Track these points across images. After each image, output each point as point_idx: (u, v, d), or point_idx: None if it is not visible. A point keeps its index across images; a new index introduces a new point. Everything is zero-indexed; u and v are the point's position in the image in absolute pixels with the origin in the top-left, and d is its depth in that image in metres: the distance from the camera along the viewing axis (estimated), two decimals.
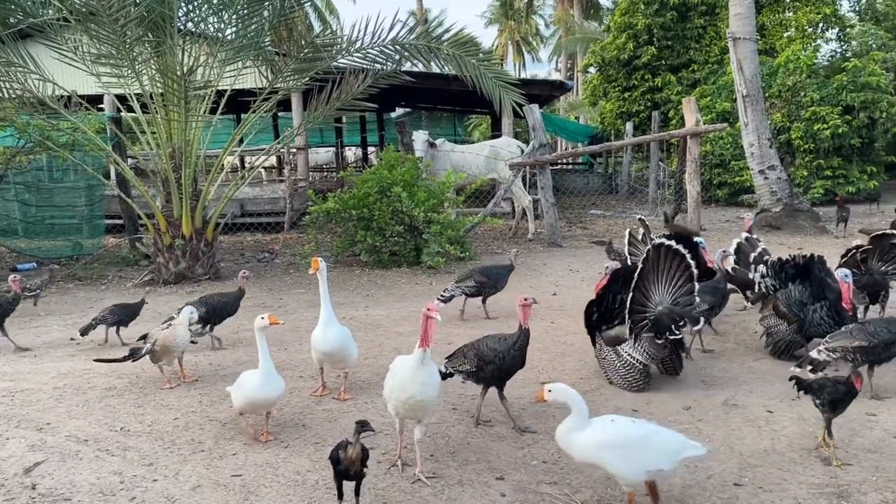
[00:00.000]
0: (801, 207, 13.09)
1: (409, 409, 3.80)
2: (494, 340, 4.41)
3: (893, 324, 4.66)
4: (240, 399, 4.20)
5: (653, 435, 3.23)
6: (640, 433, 3.22)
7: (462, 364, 4.42)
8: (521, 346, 4.35)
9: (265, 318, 4.36)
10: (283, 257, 11.63)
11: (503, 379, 4.41)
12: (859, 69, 16.56)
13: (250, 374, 4.27)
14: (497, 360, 4.30)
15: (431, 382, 3.76)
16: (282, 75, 9.55)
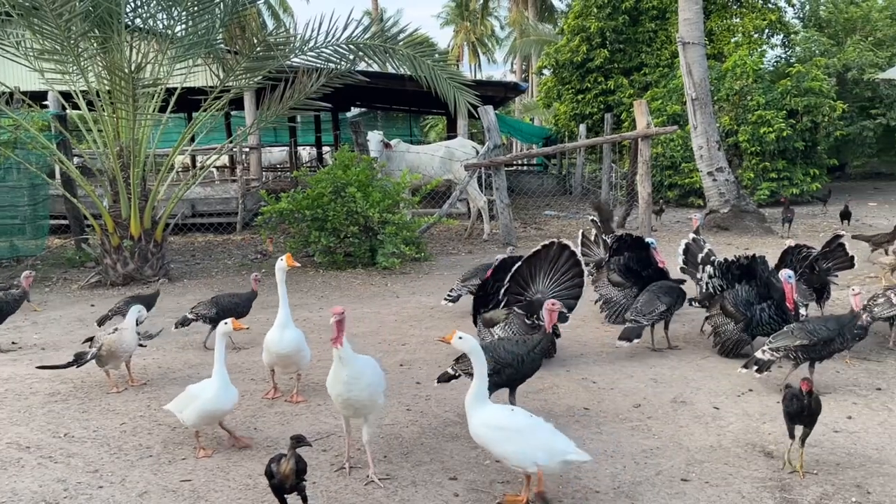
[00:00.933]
0: (747, 209, 13.43)
1: (345, 407, 3.78)
2: (512, 343, 4.32)
3: (831, 321, 4.82)
4: (193, 414, 3.97)
5: (539, 430, 3.35)
6: (526, 423, 3.36)
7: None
8: (541, 349, 4.30)
9: (228, 324, 4.20)
10: (233, 257, 11.46)
11: (519, 382, 4.33)
12: (803, 74, 17.08)
13: (201, 386, 4.06)
14: (515, 363, 4.22)
15: (358, 380, 3.69)
16: (233, 73, 9.41)
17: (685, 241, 6.70)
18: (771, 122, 16.35)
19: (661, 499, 3.47)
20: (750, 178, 16.71)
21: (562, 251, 5.82)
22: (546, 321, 4.29)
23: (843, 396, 4.77)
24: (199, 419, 3.99)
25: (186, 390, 4.13)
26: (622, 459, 3.92)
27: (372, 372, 3.80)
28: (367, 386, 3.72)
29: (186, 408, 4.00)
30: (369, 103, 28.02)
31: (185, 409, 4.01)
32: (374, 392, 3.78)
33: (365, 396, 3.73)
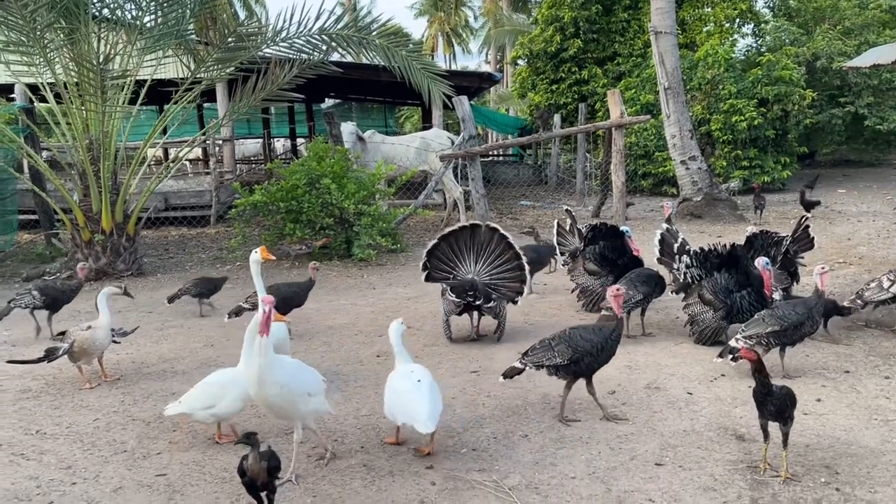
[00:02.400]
0: (720, 197, 13.58)
1: (267, 409, 3.63)
2: (588, 331, 4.26)
3: (799, 306, 4.91)
4: (234, 402, 3.87)
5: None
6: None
7: (550, 358, 4.20)
8: (618, 336, 4.27)
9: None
10: (207, 251, 11.36)
11: (596, 370, 4.31)
12: (773, 63, 17.26)
13: (231, 374, 3.97)
14: (594, 351, 4.17)
15: (265, 381, 3.46)
16: (204, 65, 9.30)
17: (660, 232, 6.75)
18: (742, 111, 16.52)
19: (635, 483, 3.52)
20: (722, 167, 16.88)
21: (492, 235, 6.10)
22: (614, 307, 4.21)
23: (813, 380, 4.86)
24: (241, 406, 3.94)
25: (210, 383, 4.00)
26: (597, 445, 3.96)
27: (290, 376, 3.57)
28: (277, 386, 3.48)
29: (223, 399, 3.89)
30: (344, 94, 27.82)
31: (217, 403, 3.89)
32: (289, 397, 3.53)
33: (275, 397, 3.51)
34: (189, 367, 5.56)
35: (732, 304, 5.57)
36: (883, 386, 4.72)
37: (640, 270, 6.27)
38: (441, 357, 5.67)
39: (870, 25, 21.68)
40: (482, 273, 6.11)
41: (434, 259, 6.21)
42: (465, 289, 5.86)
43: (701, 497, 3.37)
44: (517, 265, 6.08)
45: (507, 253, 6.10)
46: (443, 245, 6.19)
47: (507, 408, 4.53)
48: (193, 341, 6.32)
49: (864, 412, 4.30)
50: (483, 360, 5.57)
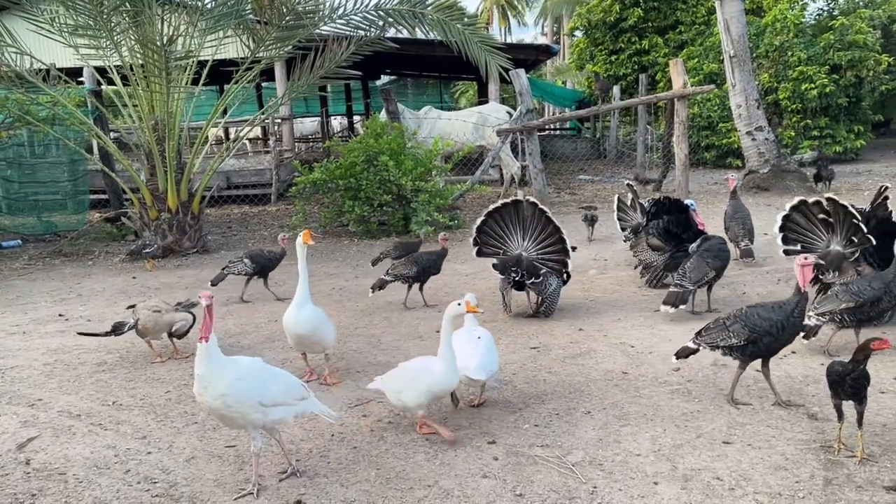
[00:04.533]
0: (788, 168, 13.11)
1: (216, 418, 3.41)
2: (766, 309, 3.96)
3: (876, 280, 4.70)
4: (417, 394, 3.69)
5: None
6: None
7: (725, 338, 3.98)
8: (800, 312, 3.93)
9: (461, 305, 3.87)
10: (269, 228, 11.57)
11: (778, 350, 4.05)
12: (846, 27, 16.48)
13: (424, 364, 3.81)
14: (774, 330, 3.89)
15: (209, 386, 3.21)
16: (263, 44, 9.41)
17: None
18: (813, 78, 15.87)
19: (702, 461, 3.45)
20: (790, 137, 16.28)
21: (533, 210, 6.09)
22: (800, 279, 3.90)
23: (891, 357, 4.67)
24: (424, 399, 3.72)
25: (404, 368, 3.88)
26: (662, 423, 3.89)
27: (241, 384, 3.25)
28: (221, 396, 3.20)
29: (406, 388, 3.73)
30: (399, 70, 27.84)
31: (404, 390, 3.74)
32: (237, 407, 3.23)
33: (220, 406, 3.22)
34: (254, 342, 5.69)
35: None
36: None
37: (710, 244, 6.03)
38: (500, 333, 5.65)
39: None
40: (529, 249, 6.08)
41: (483, 235, 6.21)
42: (510, 265, 5.87)
43: (771, 476, 3.28)
44: (559, 239, 6.02)
45: (549, 227, 6.05)
46: (490, 221, 6.19)
47: (569, 384, 4.49)
48: (258, 316, 6.47)
49: None
50: (542, 335, 5.54)
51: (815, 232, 5.77)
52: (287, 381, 3.50)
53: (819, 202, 5.71)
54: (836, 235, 5.63)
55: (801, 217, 5.84)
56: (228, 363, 3.31)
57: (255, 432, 3.32)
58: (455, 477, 3.41)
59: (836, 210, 5.60)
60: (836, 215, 5.61)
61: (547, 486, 3.28)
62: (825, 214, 5.66)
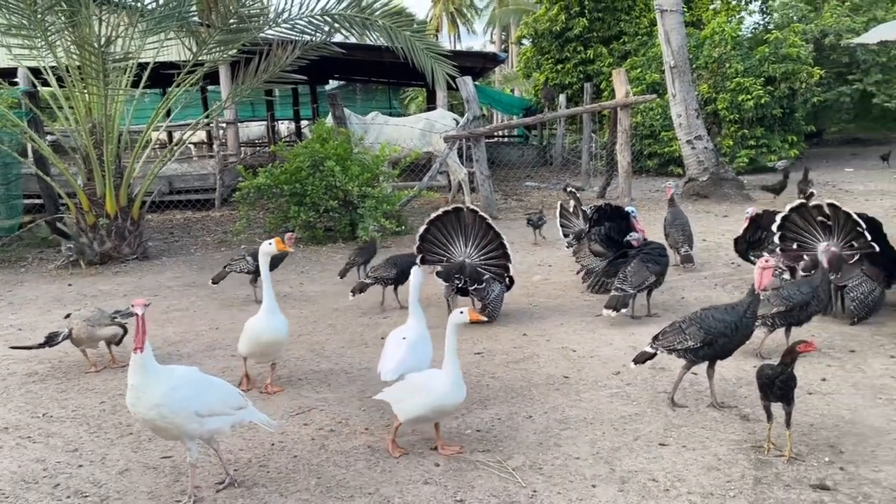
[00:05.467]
0: (726, 176, 13.48)
1: (150, 429, 3.32)
2: (720, 311, 4.04)
3: (804, 286, 4.88)
4: (417, 408, 3.55)
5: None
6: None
7: (682, 341, 4.04)
8: (752, 313, 4.03)
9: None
10: (213, 234, 11.37)
11: (732, 352, 4.12)
12: (780, 41, 17.07)
13: (429, 377, 3.64)
14: (728, 332, 3.96)
15: (142, 397, 3.12)
16: (206, 47, 9.25)
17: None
18: (749, 90, 16.38)
19: (639, 463, 3.52)
20: (729, 146, 16.77)
21: (474, 217, 6.21)
22: (756, 281, 4.00)
23: (818, 359, 4.85)
24: (422, 414, 3.57)
25: (409, 380, 3.71)
26: (601, 426, 3.96)
27: (176, 394, 3.16)
28: (155, 407, 3.11)
29: (407, 400, 3.60)
30: (348, 76, 27.69)
31: (404, 401, 3.61)
32: (172, 418, 3.14)
33: (154, 417, 3.13)
34: (194, 350, 5.58)
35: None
36: (888, 365, 4.70)
37: (650, 249, 6.15)
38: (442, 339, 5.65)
39: (878, 1, 21.43)
40: (472, 255, 6.17)
41: (426, 243, 6.26)
42: (453, 272, 5.95)
43: (705, 476, 3.37)
44: (499, 244, 6.11)
45: (490, 234, 6.15)
46: (432, 229, 6.25)
47: (512, 389, 4.53)
48: (199, 324, 6.34)
49: (869, 391, 4.28)
50: (487, 341, 5.57)
51: (813, 233, 5.95)
52: (224, 390, 3.43)
53: (819, 206, 5.89)
54: (834, 238, 5.81)
55: (800, 218, 6.01)
56: (163, 372, 3.22)
57: (190, 443, 3.25)
58: (396, 484, 3.40)
59: (836, 215, 5.78)
60: (835, 220, 5.79)
61: (487, 492, 3.31)
62: (825, 218, 5.84)
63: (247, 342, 4.48)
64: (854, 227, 5.62)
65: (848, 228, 5.68)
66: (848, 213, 5.64)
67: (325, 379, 4.86)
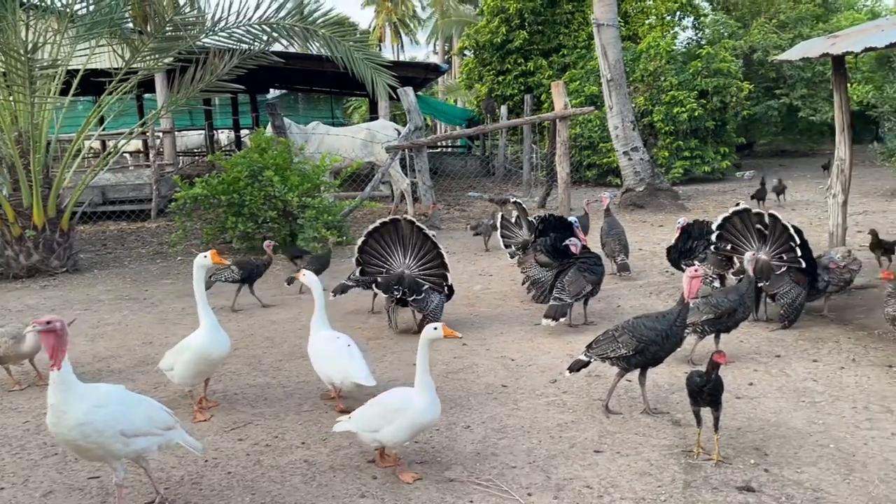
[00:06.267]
0: (662, 187, 13.85)
1: (73, 450, 3.19)
2: (651, 319, 4.12)
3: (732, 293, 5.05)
4: (400, 430, 3.44)
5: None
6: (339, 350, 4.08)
7: (615, 349, 4.10)
8: (682, 321, 4.14)
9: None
10: (148, 245, 11.08)
11: (663, 359, 4.21)
12: (712, 56, 17.67)
13: (403, 397, 3.54)
14: (660, 339, 4.05)
15: (63, 416, 2.98)
16: (140, 55, 9.03)
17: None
18: (683, 103, 16.88)
19: (574, 470, 3.57)
20: (664, 157, 17.23)
21: (411, 228, 6.16)
22: (686, 290, 4.09)
23: (746, 364, 5.01)
24: (406, 435, 3.48)
25: (377, 404, 3.56)
26: (538, 434, 4.01)
27: (101, 410, 3.04)
28: (77, 426, 2.99)
29: (386, 426, 3.45)
30: (290, 85, 27.43)
31: (381, 428, 3.46)
32: (96, 438, 3.02)
33: (77, 437, 3.01)
34: (126, 366, 5.42)
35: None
36: (811, 369, 4.89)
37: (585, 258, 6.25)
38: (385, 350, 5.66)
39: (803, 19, 22.40)
40: (411, 266, 6.15)
41: (365, 255, 6.23)
42: (392, 283, 5.94)
43: (637, 482, 3.44)
44: (437, 254, 6.12)
45: (427, 244, 6.15)
46: (371, 241, 6.23)
47: (450, 399, 4.54)
48: (131, 339, 6.16)
49: (792, 395, 4.45)
50: None
51: (748, 238, 6.12)
52: (152, 409, 3.30)
53: (761, 214, 6.06)
54: (767, 247, 5.98)
55: (740, 222, 6.19)
56: (86, 391, 3.09)
57: (116, 463, 3.14)
58: (333, 498, 3.37)
59: (774, 225, 5.96)
60: (772, 230, 5.97)
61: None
62: (763, 226, 6.02)
63: (191, 363, 4.22)
64: (787, 241, 5.84)
65: (782, 240, 5.90)
66: (785, 226, 5.86)
67: (261, 393, 4.78)
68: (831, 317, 6.08)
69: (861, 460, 3.59)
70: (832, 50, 6.24)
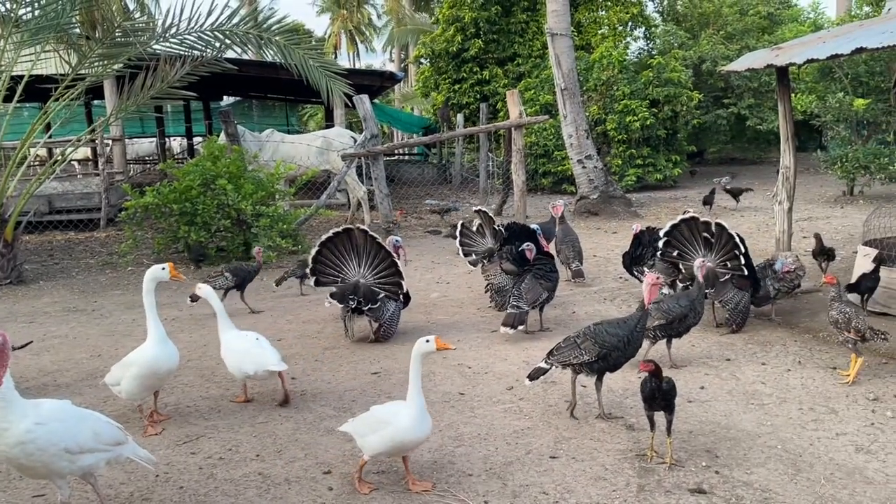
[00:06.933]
0: (615, 194, 14.07)
1: (15, 468, 3.11)
2: (612, 325, 4.19)
3: (683, 299, 5.15)
4: (380, 443, 3.40)
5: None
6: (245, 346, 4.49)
7: (577, 356, 4.14)
8: (642, 327, 4.24)
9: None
10: (97, 256, 10.81)
11: (622, 365, 4.28)
12: (663, 66, 18.04)
13: (392, 410, 3.51)
14: (621, 345, 4.13)
15: (5, 433, 2.89)
16: (88, 60, 8.82)
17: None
18: (636, 111, 17.17)
19: (530, 477, 3.60)
20: (618, 165, 17.49)
21: (365, 237, 6.12)
22: (646, 296, 4.20)
23: (697, 368, 5.12)
24: (385, 450, 3.43)
25: (372, 413, 3.58)
26: (494, 441, 4.02)
27: (44, 427, 2.94)
28: (19, 444, 2.89)
29: (370, 435, 3.45)
30: (244, 92, 27.09)
31: (367, 435, 3.46)
32: (37, 454, 2.92)
33: (18, 455, 2.91)
34: (73, 380, 5.27)
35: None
36: (759, 372, 5.02)
37: (541, 265, 6.29)
38: (342, 360, 5.62)
39: (750, 31, 23.05)
40: (366, 275, 6.11)
41: (320, 265, 6.16)
42: (347, 292, 5.91)
43: (592, 487, 3.48)
44: (391, 262, 6.10)
45: (381, 252, 6.12)
46: (325, 251, 6.15)
47: None
48: (79, 352, 6.00)
49: (742, 397, 4.56)
50: (384, 360, 5.56)
51: (695, 246, 6.22)
52: (99, 424, 3.18)
53: (708, 223, 6.16)
54: (712, 255, 6.08)
55: (687, 230, 6.27)
56: (28, 407, 2.98)
57: (61, 481, 3.05)
58: None
59: (720, 234, 6.06)
60: (718, 238, 6.07)
61: None
62: (709, 235, 6.12)
63: (139, 377, 4.11)
64: (732, 250, 5.98)
65: (727, 249, 6.04)
66: (731, 235, 6.00)
67: (215, 405, 4.70)
68: (778, 320, 6.26)
69: (808, 460, 3.69)
70: (776, 61, 6.43)
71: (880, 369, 4.98)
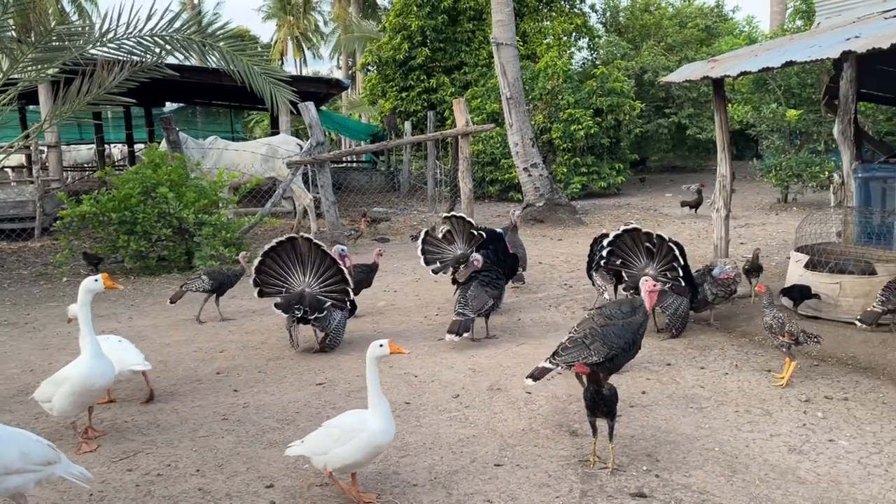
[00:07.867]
0: (560, 202, 14.27)
1: None
2: (619, 328, 4.24)
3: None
4: (355, 452, 3.35)
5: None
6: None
7: (586, 356, 4.17)
8: (644, 330, 4.38)
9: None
10: (31, 266, 10.43)
11: (622, 367, 4.42)
12: (606, 76, 18.41)
13: (358, 418, 3.45)
14: (626, 347, 4.25)
15: None
16: (20, 65, 8.52)
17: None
18: (580, 120, 17.47)
19: (475, 485, 3.60)
20: (563, 173, 17.75)
21: (309, 245, 6.05)
22: (647, 302, 4.32)
23: (639, 373, 5.21)
24: (359, 459, 3.37)
25: (330, 427, 3.48)
26: (440, 450, 4.02)
27: None
28: None
29: (337, 448, 3.36)
30: (188, 98, 26.55)
31: (331, 450, 3.37)
32: None
33: None
34: (3, 397, 5.07)
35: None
36: (699, 376, 5.14)
37: (487, 272, 6.31)
38: (286, 370, 5.54)
39: (689, 42, 23.73)
40: (312, 284, 6.03)
41: (263, 275, 6.05)
42: (293, 302, 5.83)
43: (536, 494, 3.51)
44: (337, 270, 6.04)
45: (327, 261, 6.06)
46: (268, 261, 6.05)
47: None
48: (9, 367, 5.77)
49: (682, 401, 4.66)
50: (329, 370, 5.50)
51: (638, 255, 6.32)
52: (28, 444, 3.04)
53: (650, 234, 6.26)
54: (654, 264, 6.20)
55: (630, 240, 6.36)
56: None
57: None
58: None
59: (661, 245, 6.17)
60: (659, 249, 6.19)
61: None
62: (651, 245, 6.22)
63: (71, 394, 3.97)
64: (671, 261, 6.12)
65: (667, 259, 6.18)
66: (671, 247, 6.14)
67: (153, 420, 4.58)
68: (717, 325, 6.43)
69: (743, 462, 3.80)
70: (711, 73, 6.64)
71: (811, 371, 5.16)
